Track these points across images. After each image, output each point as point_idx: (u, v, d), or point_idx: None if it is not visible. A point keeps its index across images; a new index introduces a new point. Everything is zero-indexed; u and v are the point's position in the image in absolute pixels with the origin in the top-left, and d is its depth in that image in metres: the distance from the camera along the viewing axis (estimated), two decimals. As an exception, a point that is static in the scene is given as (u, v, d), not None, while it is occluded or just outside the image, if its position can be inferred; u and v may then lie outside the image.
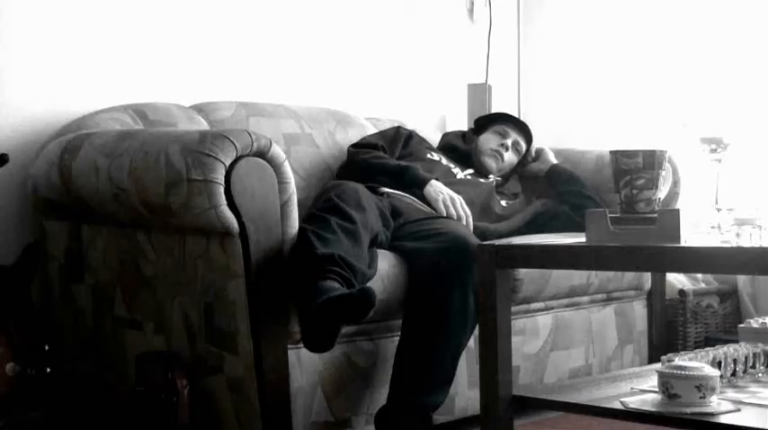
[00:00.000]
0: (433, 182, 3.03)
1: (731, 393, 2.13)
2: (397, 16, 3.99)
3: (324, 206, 2.54)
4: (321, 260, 2.38)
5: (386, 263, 2.62)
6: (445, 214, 2.94)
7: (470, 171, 3.31)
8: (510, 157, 3.37)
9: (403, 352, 2.61)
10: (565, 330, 3.13)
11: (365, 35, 3.87)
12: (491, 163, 3.34)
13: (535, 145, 3.49)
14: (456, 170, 3.26)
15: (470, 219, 3.00)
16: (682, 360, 2.13)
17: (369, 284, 2.42)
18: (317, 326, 2.32)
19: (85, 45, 3.09)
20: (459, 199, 3.01)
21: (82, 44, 3.08)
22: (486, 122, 3.47)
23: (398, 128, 3.37)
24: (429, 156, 3.26)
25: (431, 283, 2.61)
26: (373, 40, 3.90)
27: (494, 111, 3.94)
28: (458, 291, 2.59)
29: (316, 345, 2.36)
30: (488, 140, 3.37)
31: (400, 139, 3.30)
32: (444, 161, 3.27)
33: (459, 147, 3.41)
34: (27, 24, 2.97)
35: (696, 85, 3.90)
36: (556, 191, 3.35)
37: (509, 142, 3.36)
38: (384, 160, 3.12)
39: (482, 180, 3.28)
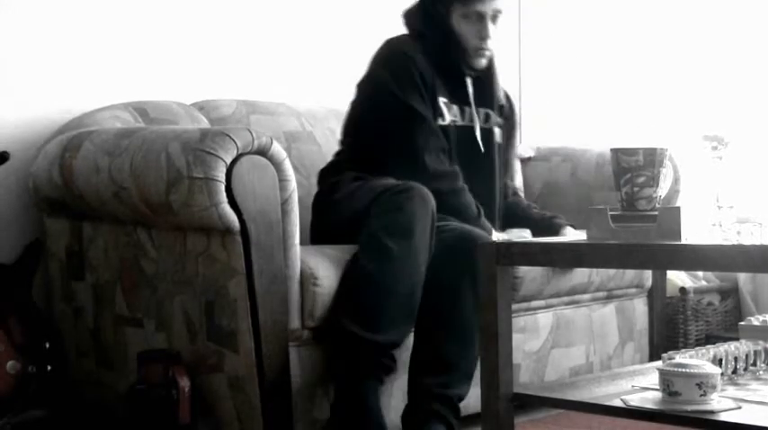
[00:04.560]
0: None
1: (732, 391, 2.13)
2: (397, 14, 3.98)
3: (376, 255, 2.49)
4: (371, 348, 2.43)
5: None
6: None
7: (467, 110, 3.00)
8: (492, 40, 2.99)
9: (417, 350, 2.59)
10: (565, 328, 3.13)
11: (366, 33, 3.86)
12: (481, 62, 3.00)
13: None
14: (462, 121, 2.97)
15: None
16: (682, 357, 2.12)
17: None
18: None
19: (86, 43, 3.09)
20: None
21: (82, 42, 3.08)
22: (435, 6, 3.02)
23: (410, 72, 2.96)
24: (441, 121, 2.92)
25: (442, 281, 2.57)
26: (374, 38, 3.89)
27: None
28: (467, 282, 2.55)
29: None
30: (467, 37, 2.96)
31: (425, 100, 2.91)
32: (450, 116, 2.95)
33: (447, 66, 2.98)
34: (27, 22, 2.98)
35: (697, 82, 3.90)
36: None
37: (488, 30, 2.95)
38: (471, 209, 2.85)
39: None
